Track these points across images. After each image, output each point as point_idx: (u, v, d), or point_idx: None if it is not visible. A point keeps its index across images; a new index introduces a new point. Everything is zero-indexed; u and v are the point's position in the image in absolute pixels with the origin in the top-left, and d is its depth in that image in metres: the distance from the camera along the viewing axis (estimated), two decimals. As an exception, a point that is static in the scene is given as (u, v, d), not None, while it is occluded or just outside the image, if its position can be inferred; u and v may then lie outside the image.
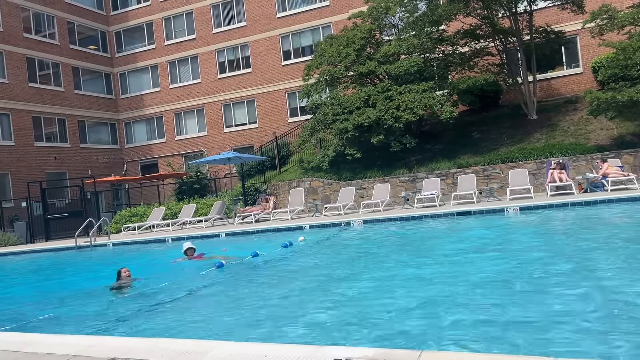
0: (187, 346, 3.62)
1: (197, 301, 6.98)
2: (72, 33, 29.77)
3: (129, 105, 31.68)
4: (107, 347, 3.88)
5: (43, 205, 21.30)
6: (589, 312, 4.56)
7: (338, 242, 11.97)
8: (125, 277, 8.58)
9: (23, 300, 8.85)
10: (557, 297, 5.18)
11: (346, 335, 4.50)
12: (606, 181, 14.28)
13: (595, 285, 5.44)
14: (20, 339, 4.67)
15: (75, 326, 5.96)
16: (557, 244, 8.62)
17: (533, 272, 6.50)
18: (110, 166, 30.61)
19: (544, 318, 4.51)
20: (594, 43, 19.03)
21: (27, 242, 20.52)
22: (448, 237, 10.86)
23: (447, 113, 17.96)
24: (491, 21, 19.42)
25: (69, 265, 13.97)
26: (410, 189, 17.94)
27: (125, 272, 8.63)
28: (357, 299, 5.99)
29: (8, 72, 25.81)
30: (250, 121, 28.73)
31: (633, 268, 6.16)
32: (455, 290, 5.86)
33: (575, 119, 18.82)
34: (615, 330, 4.06)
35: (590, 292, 5.23)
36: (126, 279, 8.55)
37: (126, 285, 8.38)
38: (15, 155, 25.56)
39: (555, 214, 12.24)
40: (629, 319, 4.32)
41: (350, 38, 20.04)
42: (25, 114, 26.38)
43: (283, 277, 8.26)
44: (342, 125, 18.74)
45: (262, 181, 22.53)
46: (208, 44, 29.41)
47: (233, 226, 17.29)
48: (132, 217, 21.00)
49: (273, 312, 5.75)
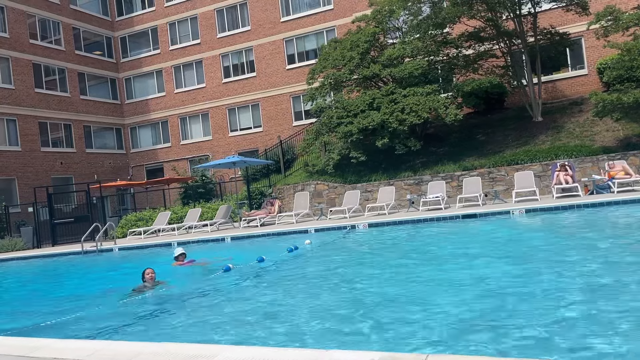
0: (194, 350, 3.63)
1: (205, 305, 6.98)
2: (78, 39, 29.97)
3: (135, 110, 31.83)
4: (114, 351, 3.90)
5: (49, 210, 21.40)
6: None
7: (344, 245, 11.96)
8: (148, 279, 8.16)
9: (30, 304, 8.89)
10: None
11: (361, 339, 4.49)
12: (612, 183, 14.21)
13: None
14: (28, 343, 4.69)
15: (82, 331, 5.97)
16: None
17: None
18: (116, 171, 30.74)
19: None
20: (599, 44, 18.97)
21: (33, 247, 20.62)
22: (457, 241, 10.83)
23: (451, 115, 17.93)
24: (495, 23, 19.41)
25: (76, 269, 14.03)
26: (416, 192, 17.91)
27: (149, 275, 8.18)
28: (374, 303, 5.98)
29: (14, 78, 26.01)
30: (255, 125, 28.80)
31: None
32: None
33: (581, 121, 18.75)
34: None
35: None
36: (149, 281, 8.14)
37: (149, 288, 7.96)
38: (21, 161, 25.73)
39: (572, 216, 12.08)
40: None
41: (354, 41, 20.08)
42: (31, 119, 26.56)
43: (289, 281, 8.26)
44: (347, 128, 18.76)
45: (267, 185, 22.56)
46: (213, 49, 29.53)
47: (238, 230, 17.31)
48: (137, 221, 21.06)
49: (282, 316, 5.75)
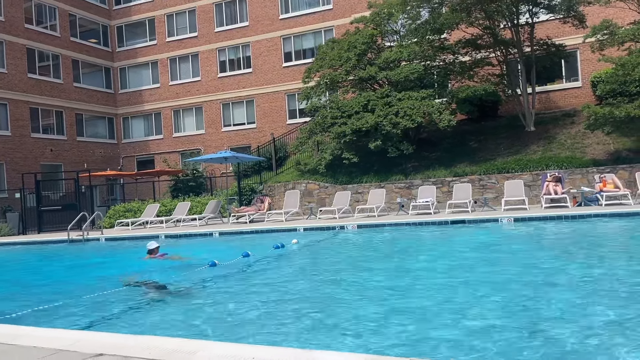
0: (176, 345, 3.60)
1: (191, 300, 6.93)
2: (74, 25, 29.70)
3: (128, 101, 31.61)
4: (94, 342, 3.86)
5: (37, 197, 21.20)
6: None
7: (330, 246, 11.97)
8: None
9: (12, 290, 8.79)
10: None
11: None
12: (601, 196, 14.34)
13: None
14: (10, 330, 4.65)
15: (65, 320, 5.92)
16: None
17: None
18: (106, 160, 30.51)
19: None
20: (594, 58, 19.12)
21: (19, 233, 20.42)
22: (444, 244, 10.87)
23: (445, 121, 17.99)
24: (493, 32, 19.51)
25: (61, 258, 13.91)
26: (406, 196, 17.95)
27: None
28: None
29: (7, 62, 25.72)
30: (248, 121, 28.71)
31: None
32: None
33: (573, 133, 18.90)
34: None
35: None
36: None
37: (146, 284, 8.30)
38: (10, 146, 25.45)
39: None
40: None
41: (352, 42, 20.08)
42: (23, 104, 26.28)
43: (274, 279, 8.24)
44: (341, 129, 18.76)
45: (258, 182, 22.51)
46: (209, 42, 29.40)
47: (227, 225, 17.25)
48: (126, 212, 20.94)
49: (264, 314, 5.73)
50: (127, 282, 8.11)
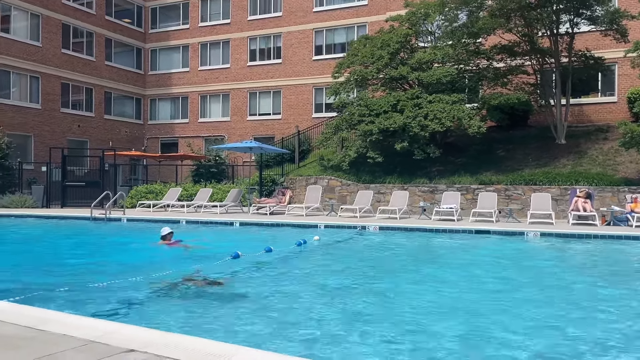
0: (208, 347, 3.55)
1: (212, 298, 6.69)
2: (110, 4, 29.94)
3: (156, 82, 31.81)
4: (126, 336, 3.82)
5: (62, 172, 21.48)
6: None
7: (354, 247, 11.86)
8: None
9: (39, 268, 8.82)
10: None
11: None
12: (631, 216, 13.97)
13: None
14: (36, 313, 4.63)
15: (97, 305, 5.85)
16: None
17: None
18: (131, 140, 30.80)
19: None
20: (633, 73, 18.62)
21: (42, 206, 20.72)
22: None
23: (475, 127, 17.70)
24: (531, 39, 19.09)
25: (89, 236, 14.02)
26: (429, 200, 17.75)
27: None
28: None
29: (43, 37, 26.04)
30: (274, 112, 28.68)
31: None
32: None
33: (605, 149, 18.45)
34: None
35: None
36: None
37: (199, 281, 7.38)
38: (40, 119, 25.83)
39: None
40: None
41: (386, 40, 19.83)
42: (54, 79, 26.62)
43: (299, 278, 8.17)
44: (367, 127, 18.59)
45: (280, 173, 22.48)
46: (241, 30, 29.38)
47: (247, 216, 17.26)
48: (148, 193, 21.10)
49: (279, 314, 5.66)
50: (189, 277, 7.50)
